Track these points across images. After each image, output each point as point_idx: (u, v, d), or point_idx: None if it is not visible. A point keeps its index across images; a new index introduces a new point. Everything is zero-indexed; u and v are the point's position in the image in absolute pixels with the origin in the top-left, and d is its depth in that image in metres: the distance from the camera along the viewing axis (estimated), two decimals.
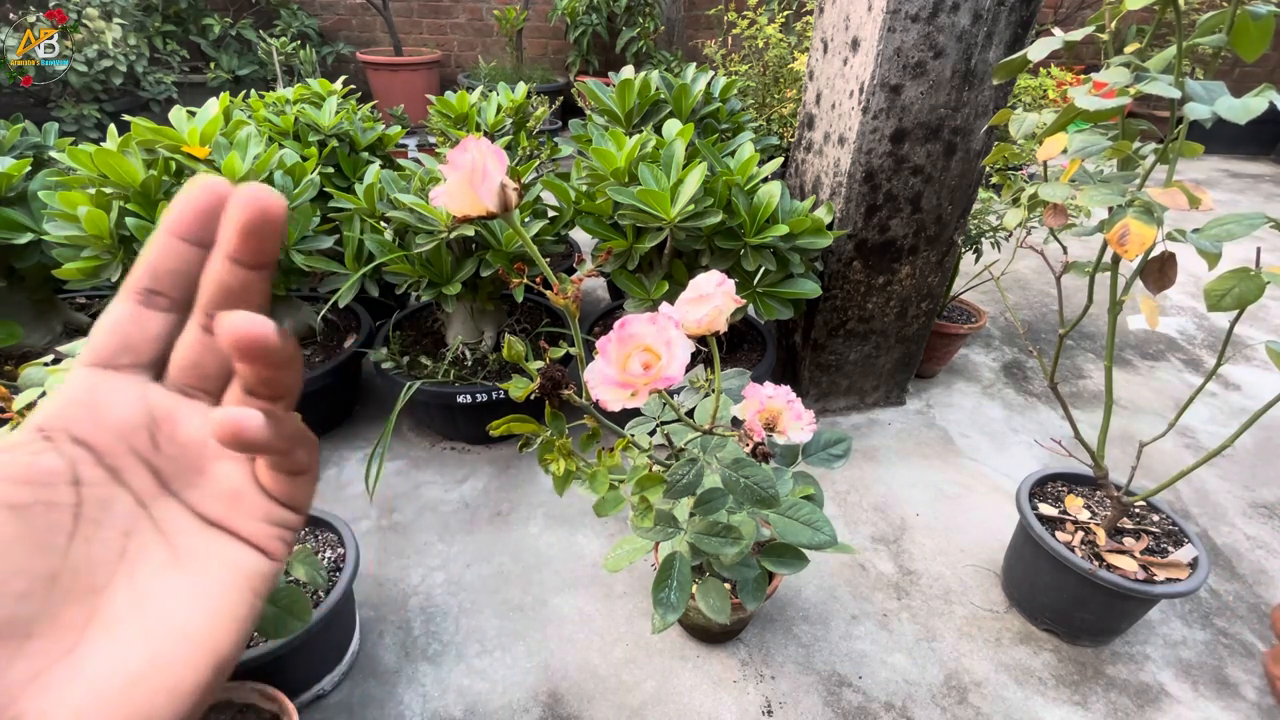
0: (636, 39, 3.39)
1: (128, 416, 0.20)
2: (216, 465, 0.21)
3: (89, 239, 1.05)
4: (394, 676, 0.99)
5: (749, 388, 0.66)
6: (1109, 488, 1.01)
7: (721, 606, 0.80)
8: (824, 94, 1.33)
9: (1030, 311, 2.12)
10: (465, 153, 0.40)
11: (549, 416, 0.65)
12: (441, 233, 1.14)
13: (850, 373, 1.54)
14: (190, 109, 1.18)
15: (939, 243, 1.38)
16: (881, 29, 1.10)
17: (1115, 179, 0.75)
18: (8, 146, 1.30)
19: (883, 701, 0.98)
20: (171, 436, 0.20)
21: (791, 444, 0.80)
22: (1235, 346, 1.91)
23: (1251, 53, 0.64)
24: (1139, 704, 0.99)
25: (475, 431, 1.44)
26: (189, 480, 0.21)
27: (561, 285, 0.54)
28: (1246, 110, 0.61)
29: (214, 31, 3.24)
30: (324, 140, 1.49)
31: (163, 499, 0.20)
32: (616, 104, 1.38)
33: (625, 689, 0.98)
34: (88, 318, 1.50)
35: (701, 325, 0.52)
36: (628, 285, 1.26)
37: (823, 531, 0.77)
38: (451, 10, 3.82)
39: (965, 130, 1.23)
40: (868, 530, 1.27)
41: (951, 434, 1.54)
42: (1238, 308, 0.69)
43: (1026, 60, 0.73)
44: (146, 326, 0.20)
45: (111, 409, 0.20)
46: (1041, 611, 1.07)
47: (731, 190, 1.16)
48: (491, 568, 1.17)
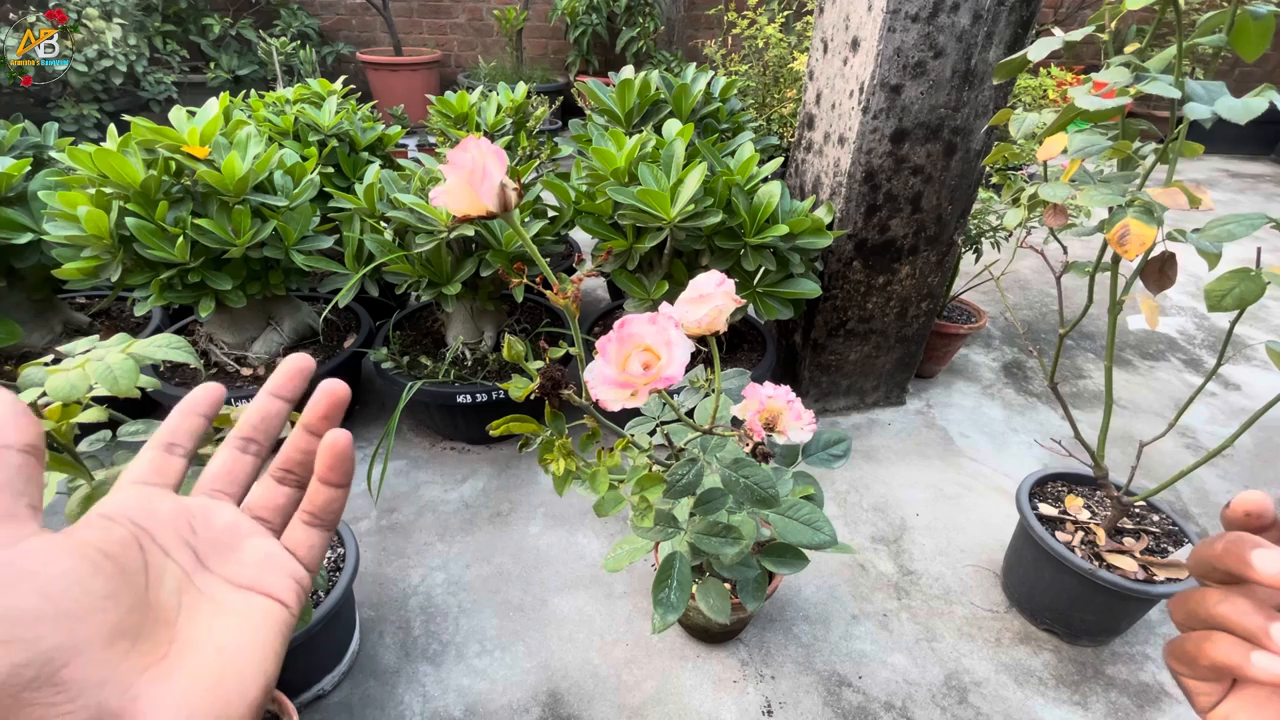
0: (636, 39, 3.39)
1: (170, 510, 0.26)
2: (247, 543, 0.27)
3: (89, 239, 1.05)
4: (394, 676, 0.99)
5: (749, 388, 0.66)
6: (1109, 488, 1.00)
7: (721, 606, 0.80)
8: (824, 94, 1.33)
9: (1030, 311, 2.12)
10: (465, 152, 0.40)
11: (549, 416, 0.65)
12: (441, 233, 1.14)
13: (850, 373, 1.54)
14: (190, 109, 1.18)
15: (939, 243, 1.38)
16: (881, 29, 1.10)
17: (1115, 179, 0.75)
18: (8, 146, 1.30)
19: (883, 701, 0.98)
20: (207, 525, 0.27)
21: (791, 444, 0.80)
22: (1235, 346, 1.91)
23: (1251, 53, 0.64)
24: (1139, 704, 0.99)
25: (475, 431, 1.44)
26: (222, 558, 0.26)
27: (561, 285, 0.54)
28: (1247, 110, 0.61)
29: (214, 31, 3.24)
30: (324, 140, 1.49)
31: (202, 572, 0.25)
32: (616, 104, 1.38)
33: (625, 689, 0.98)
34: (87, 317, 1.50)
35: (701, 325, 0.52)
36: (628, 285, 1.26)
37: (823, 531, 0.77)
38: (451, 10, 3.82)
39: (965, 130, 1.23)
40: (868, 530, 1.27)
41: (951, 434, 1.54)
42: (1238, 308, 0.69)
43: (1026, 60, 0.73)
44: (173, 465, 0.28)
45: (157, 505, 0.26)
46: (1041, 611, 1.07)
47: (731, 190, 1.16)
48: (491, 568, 1.17)
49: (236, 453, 0.29)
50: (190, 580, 0.25)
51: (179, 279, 1.14)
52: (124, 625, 0.21)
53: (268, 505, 0.29)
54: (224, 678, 0.22)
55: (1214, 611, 0.26)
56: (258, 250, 1.17)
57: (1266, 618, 0.25)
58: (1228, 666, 0.26)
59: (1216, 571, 0.27)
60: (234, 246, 1.12)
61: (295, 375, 0.30)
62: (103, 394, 0.59)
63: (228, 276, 1.17)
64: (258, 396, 0.30)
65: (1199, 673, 0.28)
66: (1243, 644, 0.25)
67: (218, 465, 0.29)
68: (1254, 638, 0.25)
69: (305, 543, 0.28)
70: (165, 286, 1.13)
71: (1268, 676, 0.24)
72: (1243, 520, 0.27)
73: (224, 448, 0.29)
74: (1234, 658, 0.25)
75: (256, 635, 0.24)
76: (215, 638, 0.23)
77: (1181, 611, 0.29)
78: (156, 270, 1.12)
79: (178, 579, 0.24)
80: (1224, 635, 0.26)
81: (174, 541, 0.25)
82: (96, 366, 0.59)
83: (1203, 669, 0.27)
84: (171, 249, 1.07)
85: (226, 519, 0.27)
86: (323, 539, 0.29)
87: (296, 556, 0.28)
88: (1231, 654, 0.25)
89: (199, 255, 1.12)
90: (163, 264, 1.11)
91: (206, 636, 0.23)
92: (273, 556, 0.27)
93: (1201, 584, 0.29)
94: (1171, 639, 0.29)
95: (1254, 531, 0.27)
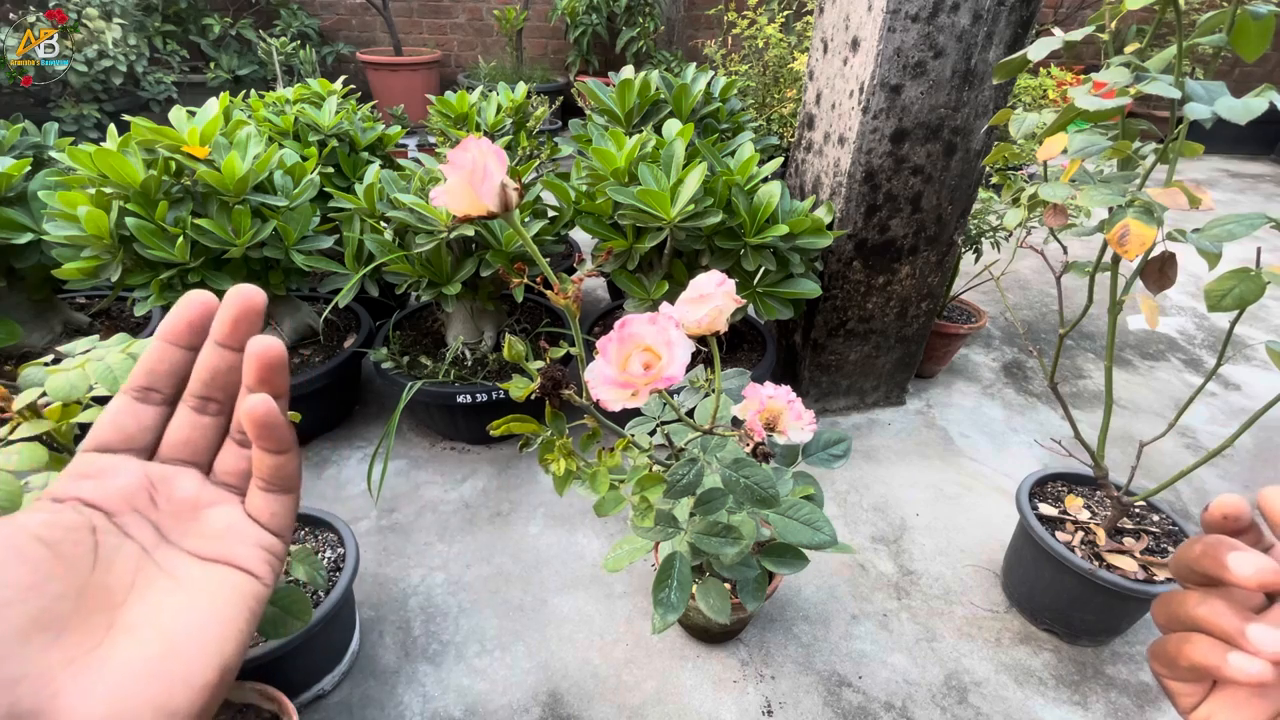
0: (636, 39, 3.39)
1: (128, 484, 0.24)
2: (210, 513, 0.26)
3: (89, 239, 1.05)
4: (394, 676, 0.99)
5: (749, 388, 0.66)
6: (1109, 488, 1.00)
7: (721, 606, 0.80)
8: (824, 94, 1.33)
9: (1030, 311, 2.12)
10: (466, 152, 0.40)
11: (549, 416, 0.65)
12: (441, 233, 1.14)
13: (850, 373, 1.54)
14: (190, 109, 1.18)
15: (939, 243, 1.38)
16: (881, 29, 1.10)
17: (1115, 179, 0.75)
18: (8, 146, 1.30)
19: (883, 701, 0.98)
20: (168, 496, 0.25)
21: (791, 444, 0.80)
22: (1235, 346, 1.91)
23: (1251, 53, 0.64)
24: (1139, 704, 0.99)
25: (475, 431, 1.44)
26: (185, 530, 0.25)
27: (561, 285, 0.54)
28: (1247, 110, 0.61)
29: (214, 31, 3.24)
30: (324, 140, 1.49)
31: (164, 546, 0.24)
32: (616, 104, 1.38)
33: (625, 689, 0.98)
34: (87, 317, 1.50)
35: (702, 325, 0.52)
36: (628, 285, 1.26)
37: (823, 531, 0.77)
38: (451, 10, 3.82)
39: (965, 130, 1.23)
40: (868, 530, 1.27)
41: (951, 434, 1.54)
42: (1238, 308, 0.69)
43: (1026, 60, 0.73)
44: (141, 418, 0.26)
45: (117, 479, 0.24)
46: (1041, 611, 1.07)
47: (731, 190, 1.16)
48: (491, 568, 1.17)
49: (194, 414, 0.26)
50: (149, 557, 0.23)
51: (179, 279, 1.13)
52: (47, 617, 0.20)
53: (186, 444, 0.26)
54: (167, 662, 0.21)
55: (1193, 613, 0.27)
56: (258, 250, 1.17)
57: (1243, 619, 0.25)
58: (1206, 667, 0.26)
59: (1195, 574, 0.27)
60: (234, 246, 1.12)
61: (242, 317, 0.25)
62: (103, 394, 0.59)
63: (228, 276, 1.17)
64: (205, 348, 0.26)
65: (1180, 674, 0.28)
66: (1221, 645, 0.26)
67: (175, 431, 0.26)
68: (1231, 639, 0.25)
69: (267, 509, 0.26)
70: (165, 286, 1.13)
71: (1244, 677, 0.24)
72: (1220, 523, 0.27)
73: (180, 408, 0.27)
74: (1212, 659, 0.25)
75: (218, 611, 0.23)
76: (162, 620, 0.22)
77: (1163, 614, 0.29)
78: (156, 270, 1.12)
79: (134, 558, 0.23)
80: (1203, 637, 0.26)
81: (132, 519, 0.24)
82: (96, 366, 0.59)
83: (1183, 670, 0.28)
84: (171, 249, 1.07)
85: (189, 489, 0.26)
86: (285, 504, 0.27)
87: (260, 523, 0.26)
88: (1210, 655, 0.26)
89: (199, 255, 1.12)
90: (163, 264, 1.11)
91: (151, 619, 0.22)
92: (237, 526, 0.25)
93: (1183, 586, 0.29)
94: (1153, 641, 0.29)
95: (1231, 534, 0.27)
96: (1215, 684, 0.28)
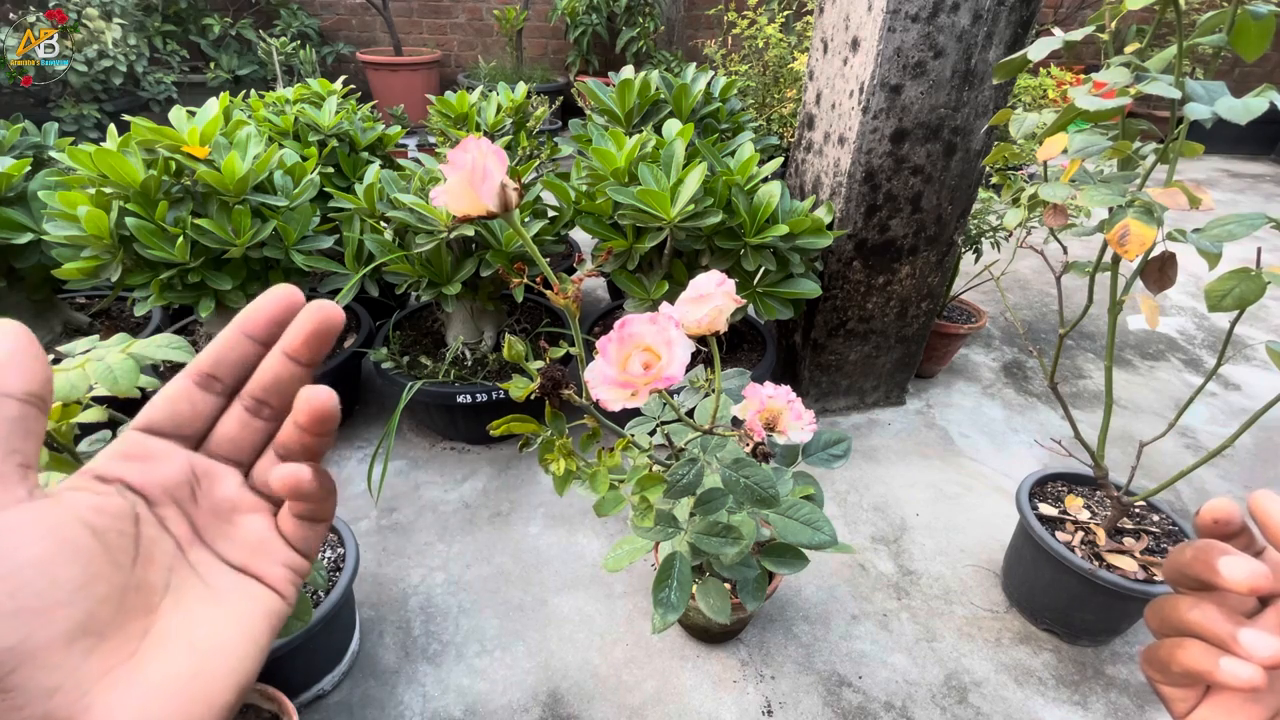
0: (636, 39, 3.39)
1: (173, 474, 0.23)
2: (244, 519, 0.25)
3: (89, 239, 1.05)
4: (394, 676, 0.99)
5: (749, 388, 0.66)
6: (1109, 488, 1.00)
7: (721, 606, 0.80)
8: (824, 94, 1.33)
9: (1030, 311, 2.12)
10: (466, 152, 0.40)
11: (549, 416, 0.65)
12: (441, 233, 1.14)
13: (850, 373, 1.54)
14: (190, 109, 1.18)
15: (939, 243, 1.38)
16: (881, 29, 1.10)
17: (1115, 179, 0.75)
18: (8, 146, 1.30)
19: (883, 701, 0.98)
20: (209, 493, 0.24)
21: (791, 444, 0.80)
22: (1235, 346, 1.91)
23: (1251, 53, 0.64)
24: (1139, 704, 0.99)
25: (475, 431, 1.44)
26: (220, 532, 0.24)
27: (561, 285, 0.54)
28: (1247, 110, 0.61)
29: (214, 31, 3.24)
30: (324, 140, 1.49)
31: (197, 546, 0.23)
32: (616, 104, 1.37)
33: (625, 689, 0.98)
34: (87, 317, 1.50)
35: (702, 325, 0.52)
36: (628, 285, 1.26)
37: (823, 531, 0.77)
38: (451, 10, 3.82)
39: (965, 130, 1.23)
40: (868, 530, 1.27)
41: (951, 434, 1.54)
42: (1238, 308, 0.69)
43: (1026, 60, 0.73)
44: (198, 405, 0.24)
45: (160, 466, 0.23)
46: (1041, 611, 1.07)
47: (731, 190, 1.16)
48: (491, 568, 1.17)
49: (247, 414, 0.25)
50: (183, 556, 0.23)
51: (179, 279, 1.14)
52: (92, 621, 0.19)
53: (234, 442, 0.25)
54: (193, 681, 0.20)
55: (1185, 618, 0.27)
56: (258, 250, 1.17)
57: (1235, 624, 0.25)
58: (1199, 672, 0.26)
59: (1187, 579, 0.27)
60: (234, 246, 1.12)
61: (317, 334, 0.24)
62: (103, 394, 0.59)
63: (228, 276, 1.17)
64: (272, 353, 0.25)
65: (1173, 679, 0.28)
66: (1213, 650, 0.25)
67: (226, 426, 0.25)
68: (1223, 644, 0.25)
69: (299, 532, 0.26)
70: (165, 286, 1.13)
71: (1236, 682, 0.24)
72: (1211, 527, 0.27)
73: (234, 405, 0.26)
74: (1204, 664, 0.25)
75: (243, 626, 0.22)
76: (195, 633, 0.21)
77: (1156, 619, 0.29)
78: (156, 270, 1.12)
79: (170, 555, 0.22)
80: (1195, 642, 0.26)
81: (172, 511, 0.23)
82: (96, 366, 0.59)
83: (1176, 675, 0.27)
84: (171, 249, 1.07)
85: (229, 489, 0.25)
86: (316, 531, 0.26)
87: (289, 541, 0.25)
88: (1202, 660, 0.26)
89: (199, 255, 1.12)
90: (163, 264, 1.11)
91: (184, 631, 0.21)
92: (268, 540, 0.25)
93: (1175, 591, 0.29)
94: (1146, 646, 0.29)
95: (1223, 538, 0.27)
96: (1209, 689, 0.28)
